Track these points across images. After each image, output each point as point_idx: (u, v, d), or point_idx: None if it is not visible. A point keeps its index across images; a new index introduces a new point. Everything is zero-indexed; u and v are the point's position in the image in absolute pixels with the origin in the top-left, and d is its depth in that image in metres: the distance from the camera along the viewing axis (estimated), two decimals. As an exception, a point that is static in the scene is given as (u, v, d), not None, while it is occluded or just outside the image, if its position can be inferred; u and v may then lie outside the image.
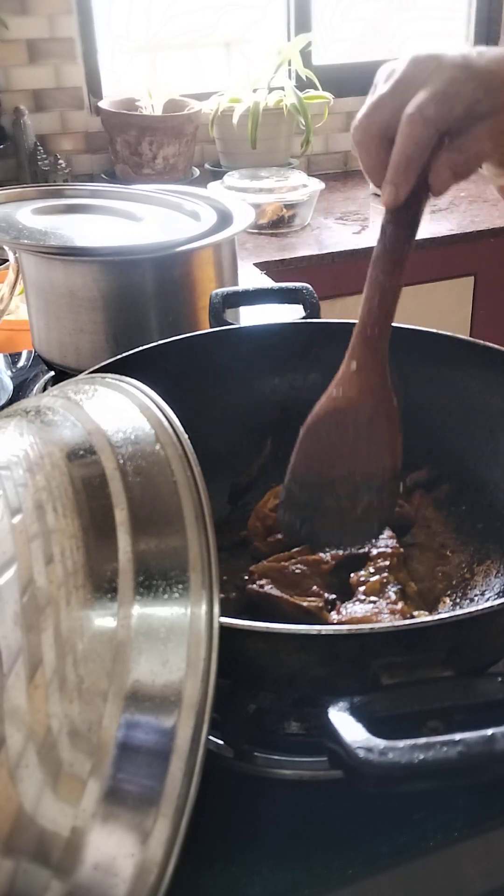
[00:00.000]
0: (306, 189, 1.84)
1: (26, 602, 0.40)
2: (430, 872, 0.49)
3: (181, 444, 0.45)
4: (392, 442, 0.63)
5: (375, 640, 0.43)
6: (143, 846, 0.36)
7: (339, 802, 0.50)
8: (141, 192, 1.04)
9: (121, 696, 0.38)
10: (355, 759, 0.38)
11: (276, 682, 0.48)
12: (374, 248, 0.61)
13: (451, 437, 0.72)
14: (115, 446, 0.45)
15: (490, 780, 0.41)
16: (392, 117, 0.57)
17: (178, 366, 0.70)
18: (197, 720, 0.37)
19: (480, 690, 0.42)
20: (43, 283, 0.93)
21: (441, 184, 0.57)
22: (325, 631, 0.43)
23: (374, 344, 0.62)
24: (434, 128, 0.55)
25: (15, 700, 0.38)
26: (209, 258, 0.93)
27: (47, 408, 0.51)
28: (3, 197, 0.99)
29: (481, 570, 0.66)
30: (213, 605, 0.40)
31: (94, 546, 0.41)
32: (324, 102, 2.04)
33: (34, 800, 0.36)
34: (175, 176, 1.98)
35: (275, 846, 0.48)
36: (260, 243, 1.80)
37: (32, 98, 1.99)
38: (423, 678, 0.43)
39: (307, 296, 0.80)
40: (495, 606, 0.45)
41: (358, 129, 0.59)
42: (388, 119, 0.57)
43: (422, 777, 0.37)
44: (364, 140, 0.59)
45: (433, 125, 0.55)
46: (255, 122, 1.92)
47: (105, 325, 0.91)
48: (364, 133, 0.59)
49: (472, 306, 1.95)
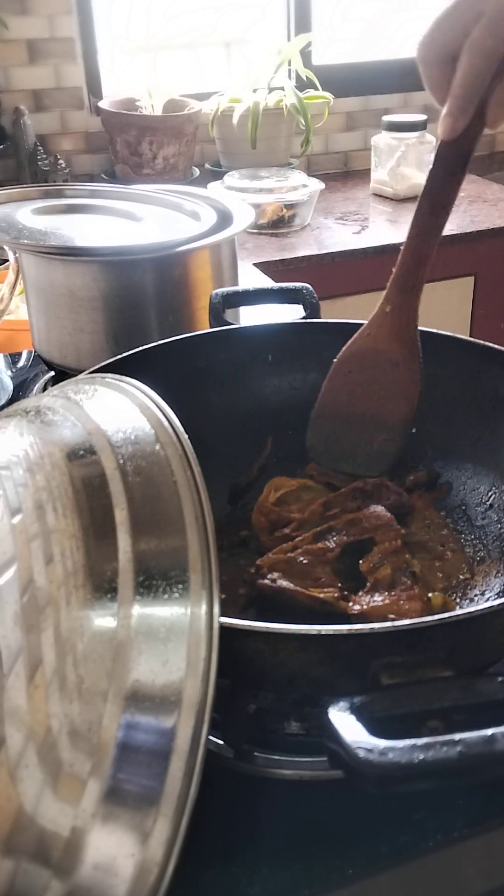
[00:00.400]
0: (306, 189, 1.84)
1: (26, 602, 0.40)
2: (430, 872, 0.49)
3: (181, 444, 0.45)
4: (411, 388, 0.70)
5: (375, 640, 0.43)
6: (143, 846, 0.36)
7: (339, 802, 0.50)
8: (141, 192, 1.04)
9: (121, 696, 0.38)
10: (355, 759, 0.38)
11: (276, 682, 0.48)
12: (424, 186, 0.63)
13: (451, 437, 0.72)
14: (115, 446, 0.45)
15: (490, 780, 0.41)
16: (453, 38, 0.57)
17: (178, 366, 0.70)
18: (197, 720, 0.37)
19: (480, 690, 0.42)
20: (43, 283, 0.93)
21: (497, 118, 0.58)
22: (325, 631, 0.43)
23: (409, 290, 0.67)
24: (494, 59, 0.56)
25: (15, 700, 0.38)
26: (209, 258, 0.93)
27: (47, 408, 0.51)
28: (3, 197, 0.99)
29: (481, 570, 0.66)
30: (213, 605, 0.40)
31: (94, 546, 0.41)
32: (324, 102, 2.04)
33: (34, 800, 0.36)
34: (175, 176, 1.98)
35: (275, 846, 0.48)
36: (260, 243, 1.80)
37: (32, 98, 1.99)
38: (423, 678, 0.43)
39: (307, 296, 0.80)
40: (495, 606, 0.45)
41: (422, 47, 0.60)
42: (450, 40, 0.57)
43: (422, 777, 0.37)
44: (427, 58, 0.59)
45: (492, 56, 0.56)
46: (255, 122, 1.92)
47: (105, 325, 0.91)
48: (427, 51, 0.59)
49: (472, 306, 1.95)
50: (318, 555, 0.63)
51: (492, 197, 2.02)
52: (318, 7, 2.19)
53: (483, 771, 0.38)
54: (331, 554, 0.63)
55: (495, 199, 2.02)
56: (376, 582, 0.61)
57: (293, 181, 1.85)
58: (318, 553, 0.63)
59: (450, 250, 1.86)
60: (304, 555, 0.63)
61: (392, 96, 2.28)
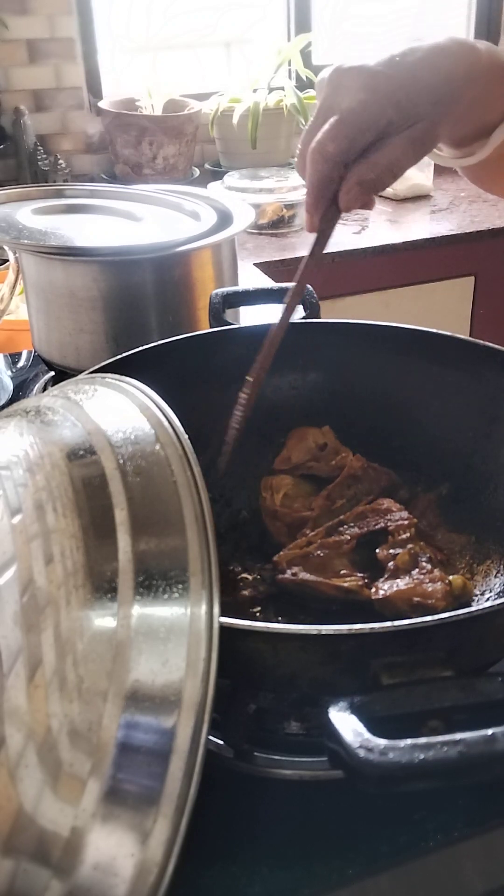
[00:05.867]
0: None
1: (26, 602, 0.40)
2: (430, 872, 0.49)
3: (181, 444, 0.45)
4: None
5: (375, 639, 0.43)
6: (143, 846, 0.36)
7: (339, 802, 0.50)
8: (141, 192, 1.04)
9: (121, 696, 0.38)
10: (355, 759, 0.38)
11: (276, 682, 0.48)
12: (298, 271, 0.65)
13: (451, 437, 0.72)
14: (115, 446, 0.45)
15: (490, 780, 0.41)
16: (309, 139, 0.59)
17: (177, 366, 0.70)
18: (197, 720, 0.37)
19: (480, 690, 0.42)
20: (43, 283, 0.93)
21: (349, 201, 0.59)
22: (325, 631, 0.43)
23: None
24: (334, 162, 0.57)
25: (15, 700, 0.38)
26: (209, 258, 0.93)
27: (47, 408, 0.51)
28: (3, 197, 0.99)
29: (481, 570, 0.66)
30: (213, 604, 0.40)
31: (94, 546, 0.41)
32: (324, 102, 2.03)
33: (34, 800, 0.36)
34: (175, 176, 1.98)
35: (275, 846, 0.48)
36: (260, 243, 1.80)
37: (32, 98, 1.99)
38: (424, 678, 0.43)
39: (307, 296, 0.80)
40: (495, 606, 0.45)
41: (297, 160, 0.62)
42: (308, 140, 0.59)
43: (422, 777, 0.37)
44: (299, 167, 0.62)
45: (332, 160, 0.57)
46: (255, 122, 1.92)
47: (105, 325, 0.91)
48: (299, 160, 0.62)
49: (472, 306, 1.95)
50: (334, 548, 0.64)
51: (492, 197, 2.02)
52: (318, 7, 2.19)
53: (483, 771, 0.38)
54: (347, 546, 0.64)
55: (495, 199, 2.01)
56: (397, 568, 0.61)
57: (293, 181, 1.85)
58: (333, 546, 0.64)
59: (450, 250, 1.86)
60: (320, 548, 0.64)
61: (392, 96, 2.27)
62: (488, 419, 0.70)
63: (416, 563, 0.61)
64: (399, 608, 0.58)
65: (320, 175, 0.58)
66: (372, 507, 0.67)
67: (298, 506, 0.70)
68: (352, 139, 0.56)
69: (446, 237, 1.85)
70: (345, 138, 0.56)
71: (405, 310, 1.86)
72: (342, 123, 0.56)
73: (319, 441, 0.73)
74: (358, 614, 0.58)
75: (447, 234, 1.85)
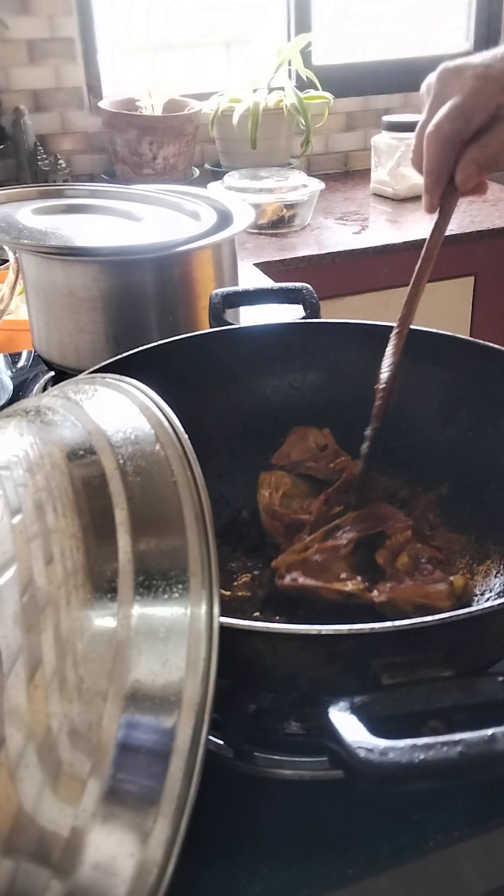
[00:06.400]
0: (306, 189, 1.84)
1: (26, 602, 0.40)
2: (430, 872, 0.49)
3: (181, 444, 0.45)
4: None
5: (375, 639, 0.43)
6: (143, 846, 0.36)
7: (339, 802, 0.50)
8: (141, 192, 1.05)
9: (121, 696, 0.38)
10: (356, 759, 0.38)
11: (276, 682, 0.48)
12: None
13: (451, 437, 0.72)
14: (115, 446, 0.45)
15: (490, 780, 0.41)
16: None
17: (178, 366, 0.70)
18: (197, 720, 0.37)
19: (480, 690, 0.42)
20: (43, 283, 0.93)
21: (465, 179, 0.64)
22: (325, 631, 0.43)
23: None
24: (450, 143, 0.62)
25: (15, 700, 0.38)
26: (209, 258, 0.93)
27: (47, 408, 0.51)
28: (3, 197, 0.99)
29: (481, 570, 0.66)
30: (213, 605, 0.40)
31: (94, 546, 0.41)
32: (324, 102, 2.04)
33: (34, 800, 0.36)
34: (175, 176, 1.98)
35: (275, 846, 0.48)
36: (260, 243, 1.80)
37: (32, 98, 1.99)
38: (424, 678, 0.43)
39: (307, 296, 0.80)
40: (495, 606, 0.45)
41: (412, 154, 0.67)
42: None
43: (422, 777, 0.37)
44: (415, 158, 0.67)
45: (449, 141, 0.62)
46: (255, 122, 1.92)
47: (105, 325, 0.91)
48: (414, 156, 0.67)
49: (472, 306, 1.95)
50: (332, 552, 0.64)
51: (492, 197, 2.02)
52: (318, 7, 2.19)
53: (483, 771, 0.38)
54: (344, 549, 0.64)
55: (495, 199, 2.02)
56: (397, 570, 0.61)
57: (293, 181, 1.85)
58: (331, 550, 0.64)
59: (450, 250, 1.85)
60: (318, 553, 0.63)
61: (392, 96, 2.28)
62: (488, 419, 0.70)
63: (417, 564, 0.61)
64: (403, 610, 0.58)
65: (438, 156, 0.63)
66: (368, 511, 0.66)
67: (296, 506, 0.70)
68: (467, 118, 0.61)
69: (446, 237, 1.83)
70: (459, 117, 0.61)
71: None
72: (456, 106, 0.61)
73: (320, 442, 0.73)
74: (358, 614, 0.58)
75: (447, 234, 1.84)
